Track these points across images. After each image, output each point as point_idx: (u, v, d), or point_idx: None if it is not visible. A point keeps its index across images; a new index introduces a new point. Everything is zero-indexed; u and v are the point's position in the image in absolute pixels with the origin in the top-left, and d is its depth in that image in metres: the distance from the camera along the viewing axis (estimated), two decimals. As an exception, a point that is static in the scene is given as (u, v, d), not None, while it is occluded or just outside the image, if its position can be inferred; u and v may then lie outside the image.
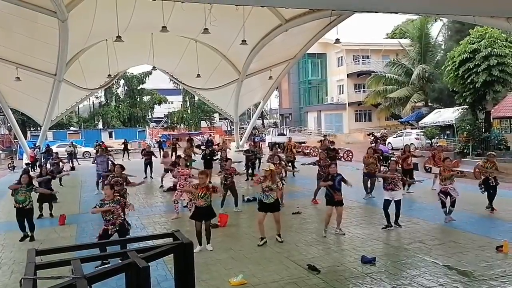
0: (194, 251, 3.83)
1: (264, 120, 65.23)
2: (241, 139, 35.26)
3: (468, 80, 22.15)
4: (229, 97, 32.05)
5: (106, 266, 4.33)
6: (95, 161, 15.94)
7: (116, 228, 7.61)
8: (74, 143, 29.80)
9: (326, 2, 6.01)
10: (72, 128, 51.82)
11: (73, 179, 19.11)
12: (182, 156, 15.84)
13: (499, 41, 21.81)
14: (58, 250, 3.54)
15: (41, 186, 11.70)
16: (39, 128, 35.39)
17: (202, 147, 23.46)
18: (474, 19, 9.32)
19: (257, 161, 19.29)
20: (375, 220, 10.19)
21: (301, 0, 6.38)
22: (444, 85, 28.24)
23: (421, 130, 30.14)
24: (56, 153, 20.06)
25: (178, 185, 11.61)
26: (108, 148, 23.43)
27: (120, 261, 4.27)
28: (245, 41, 19.66)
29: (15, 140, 37.38)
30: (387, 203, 9.53)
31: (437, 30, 40.52)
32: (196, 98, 50.42)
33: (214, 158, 18.70)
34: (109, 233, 7.56)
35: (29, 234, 9.56)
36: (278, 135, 37.76)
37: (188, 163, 14.47)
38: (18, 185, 9.57)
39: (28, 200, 9.59)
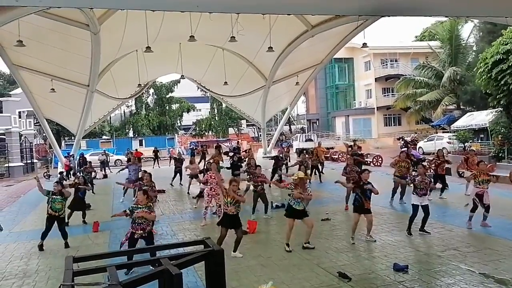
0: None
1: (291, 126, 65.08)
2: (268, 146, 35.28)
3: (502, 82, 21.52)
4: (256, 103, 32.15)
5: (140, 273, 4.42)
6: (128, 169, 16.23)
7: (145, 234, 7.73)
8: (106, 152, 30.53)
9: (352, 9, 5.99)
10: (104, 137, 53.10)
11: (105, 186, 19.58)
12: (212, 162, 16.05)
13: (533, 41, 21.13)
14: (93, 257, 3.65)
15: (77, 194, 12.18)
16: (73, 138, 36.48)
17: (230, 154, 23.62)
18: (506, 20, 9.06)
19: (284, 166, 19.23)
20: (406, 227, 10.00)
21: (327, 7, 6.38)
22: (477, 87, 27.50)
23: (453, 134, 29.42)
24: (90, 162, 20.64)
25: (208, 190, 11.67)
26: (141, 156, 23.90)
27: (152, 268, 4.36)
28: (272, 48, 19.72)
29: (50, 150, 38.59)
30: (416, 208, 9.37)
31: (468, 31, 39.76)
32: (224, 105, 50.84)
33: (241, 164, 18.78)
34: (135, 237, 7.66)
35: (43, 244, 9.76)
36: (306, 140, 37.60)
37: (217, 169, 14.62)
38: (44, 191, 9.89)
39: (63, 209, 9.92)
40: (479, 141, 26.87)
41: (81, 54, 19.74)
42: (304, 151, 20.90)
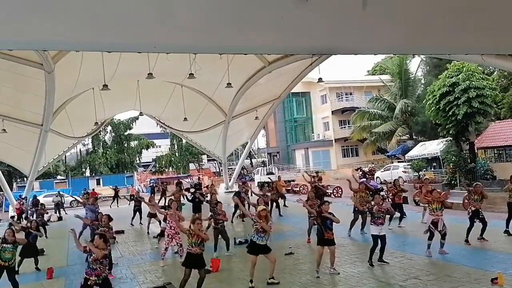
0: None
1: (252, 160, 65.31)
2: (230, 180, 35.15)
3: (450, 113, 22.68)
4: (216, 138, 32.21)
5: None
6: (86, 208, 15.69)
7: (99, 281, 7.32)
8: (61, 192, 29.36)
9: (305, 48, 6.23)
10: (59, 177, 51.13)
11: (60, 230, 18.70)
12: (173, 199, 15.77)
13: (476, 74, 22.55)
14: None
15: (28, 240, 11.46)
16: (25, 179, 34.88)
17: (191, 190, 23.28)
18: (449, 56, 9.69)
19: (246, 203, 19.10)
20: (368, 257, 10.09)
21: (282, 48, 6.60)
22: (427, 118, 28.81)
23: (408, 163, 30.42)
24: (42, 204, 19.75)
25: (168, 229, 11.41)
26: (98, 196, 23.16)
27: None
28: (230, 84, 20.00)
29: (0, 193, 36.70)
30: (376, 238, 9.50)
31: (415, 65, 41.86)
32: (184, 141, 50.52)
33: (203, 200, 18.54)
34: (89, 283, 7.24)
35: None
36: (267, 174, 37.75)
37: (178, 207, 14.36)
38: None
39: (14, 258, 9.29)
40: (432, 169, 27.90)
41: (34, 93, 19.22)
42: (266, 184, 20.97)
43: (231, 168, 47.45)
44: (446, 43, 6.08)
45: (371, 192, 15.18)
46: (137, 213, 18.79)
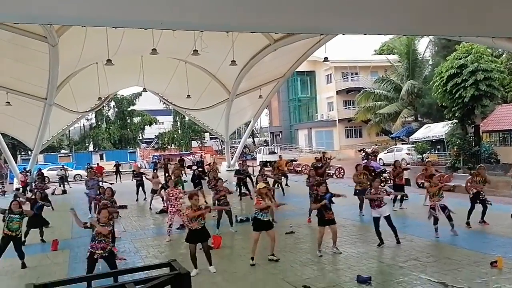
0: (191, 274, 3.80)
1: (255, 139, 65.34)
2: (232, 158, 35.24)
3: (456, 95, 22.50)
4: (219, 116, 32.13)
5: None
6: (87, 184, 15.82)
7: (105, 253, 7.48)
8: (65, 166, 29.57)
9: (313, 27, 6.13)
10: (63, 151, 51.45)
11: (64, 203, 18.89)
12: (172, 177, 15.88)
13: (485, 56, 22.29)
14: (55, 284, 3.49)
15: (33, 210, 11.59)
16: (29, 152, 35.10)
17: (193, 167, 23.40)
18: (459, 37, 9.52)
19: (248, 179, 19.14)
20: (369, 238, 10.17)
21: (289, 26, 6.49)
22: (433, 100, 28.63)
23: (412, 145, 30.38)
24: (47, 177, 19.87)
25: (169, 207, 11.58)
26: (103, 171, 23.28)
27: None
28: (235, 61, 19.84)
29: (5, 165, 36.96)
30: (376, 220, 9.54)
31: (424, 46, 41.31)
32: (187, 118, 50.50)
33: (204, 178, 18.62)
34: (95, 257, 7.40)
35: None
36: (269, 153, 37.80)
37: (178, 183, 14.45)
38: (2, 211, 9.41)
39: (20, 228, 9.46)
40: (436, 152, 27.88)
41: (38, 67, 19.13)
42: (268, 164, 21.00)
43: (234, 147, 47.51)
44: (458, 25, 5.97)
45: (373, 174, 15.21)
46: (140, 188, 18.95)
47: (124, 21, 5.51)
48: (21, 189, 22.67)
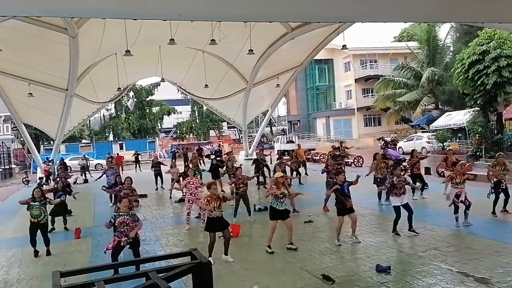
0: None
1: (273, 128, 65.24)
2: (250, 148, 35.31)
3: (478, 82, 21.98)
4: (237, 106, 32.17)
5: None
6: (106, 174, 16.07)
7: (130, 240, 7.64)
8: (86, 156, 30.09)
9: (331, 15, 6.06)
10: (84, 141, 52.34)
11: (86, 192, 19.27)
12: (190, 166, 16.01)
13: (508, 42, 21.64)
14: (80, 272, 3.60)
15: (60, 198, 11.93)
16: (51, 142, 35.85)
17: (212, 157, 23.53)
18: (482, 24, 9.30)
19: (266, 168, 19.13)
20: (388, 227, 10.08)
21: (307, 15, 6.43)
22: (454, 87, 28.06)
23: (432, 134, 29.92)
24: (69, 167, 20.25)
25: (188, 195, 11.66)
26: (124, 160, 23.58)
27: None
28: (252, 50, 19.79)
29: (28, 154, 37.84)
30: (398, 209, 9.45)
31: (445, 32, 40.39)
32: (205, 107, 50.68)
33: (221, 166, 18.73)
34: (122, 244, 7.57)
35: (38, 250, 9.60)
36: (287, 142, 37.73)
37: (196, 173, 14.58)
38: (29, 200, 9.66)
39: (43, 215, 9.68)
40: (457, 140, 27.38)
41: (59, 58, 19.46)
42: (286, 152, 20.99)
43: (251, 136, 47.56)
44: (481, 11, 5.82)
45: (393, 162, 15.06)
46: (158, 177, 19.19)
47: (143, 13, 5.55)
48: (44, 178, 23.19)
